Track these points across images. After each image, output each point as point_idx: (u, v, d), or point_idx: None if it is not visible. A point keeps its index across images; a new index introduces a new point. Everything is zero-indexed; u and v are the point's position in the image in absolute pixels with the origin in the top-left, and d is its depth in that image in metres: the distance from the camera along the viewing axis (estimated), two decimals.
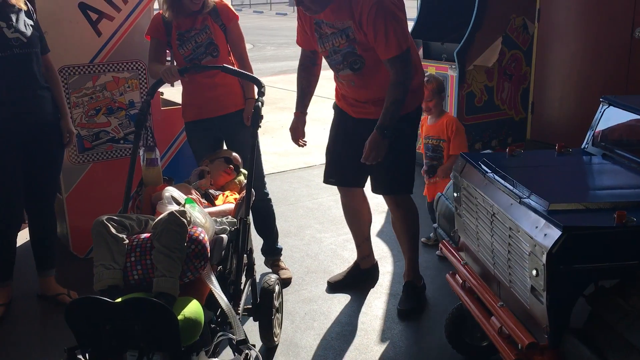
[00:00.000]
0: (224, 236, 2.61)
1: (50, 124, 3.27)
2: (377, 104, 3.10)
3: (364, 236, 3.66)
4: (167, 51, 3.61)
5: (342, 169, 3.43)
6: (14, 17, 3.07)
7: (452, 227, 2.99)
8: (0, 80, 3.04)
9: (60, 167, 3.47)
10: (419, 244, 3.51)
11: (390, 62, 2.95)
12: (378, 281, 3.70)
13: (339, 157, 3.43)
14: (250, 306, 2.96)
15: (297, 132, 3.45)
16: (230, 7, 3.51)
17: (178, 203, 2.68)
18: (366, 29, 2.93)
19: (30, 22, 3.16)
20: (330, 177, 3.52)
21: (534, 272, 2.05)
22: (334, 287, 3.64)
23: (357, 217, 3.61)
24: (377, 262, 3.75)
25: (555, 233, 1.98)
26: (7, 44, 3.02)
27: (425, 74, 3.57)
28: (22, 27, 3.08)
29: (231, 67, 3.21)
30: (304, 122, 3.47)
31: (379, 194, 3.40)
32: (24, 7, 3.14)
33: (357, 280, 3.62)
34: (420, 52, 5.79)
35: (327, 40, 3.09)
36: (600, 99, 2.83)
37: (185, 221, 2.36)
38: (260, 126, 2.93)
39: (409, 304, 3.39)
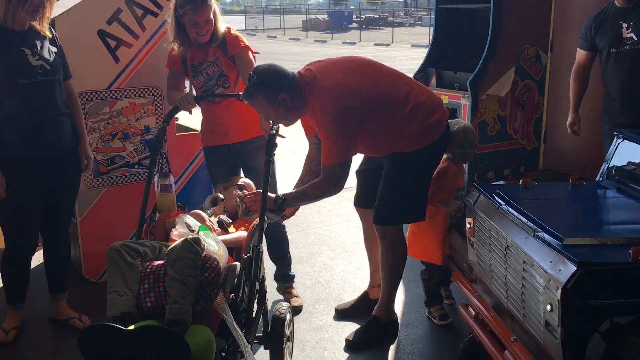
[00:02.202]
0: (237, 264, 2.62)
1: (69, 150, 3.31)
2: (399, 145, 3.15)
3: (377, 265, 3.63)
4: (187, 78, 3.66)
5: (362, 191, 3.49)
6: (38, 45, 3.13)
7: (465, 257, 2.98)
8: (24, 107, 3.08)
9: (77, 192, 3.50)
10: (398, 281, 3.38)
11: (323, 167, 3.03)
12: None
13: (362, 180, 3.51)
14: (262, 334, 2.95)
15: None
16: (240, 36, 3.51)
17: (192, 230, 2.70)
18: (320, 137, 3.06)
19: (54, 49, 3.22)
20: (355, 198, 3.62)
21: (548, 307, 2.04)
22: (341, 314, 3.63)
23: (372, 243, 3.59)
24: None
25: (570, 268, 1.97)
26: (32, 71, 3.07)
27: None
28: (46, 55, 3.14)
29: None
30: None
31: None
32: (49, 34, 3.20)
33: (364, 310, 3.55)
34: (433, 81, 5.83)
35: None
36: (615, 133, 2.84)
37: (199, 249, 2.37)
38: (274, 154, 2.95)
39: (360, 337, 3.30)
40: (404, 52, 23.15)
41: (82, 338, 2.13)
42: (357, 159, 3.44)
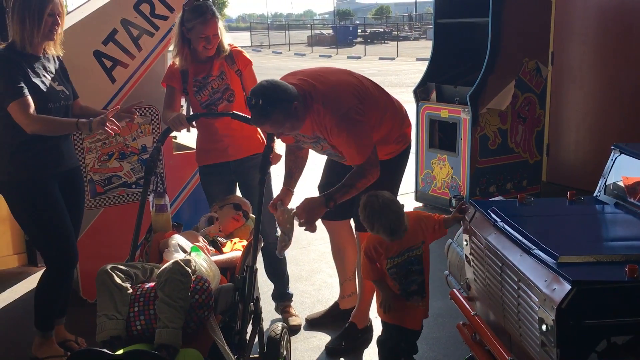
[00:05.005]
0: (230, 285, 2.58)
1: (77, 168, 3.38)
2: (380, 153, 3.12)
3: (346, 275, 3.66)
4: (183, 98, 3.64)
5: None
6: (53, 68, 3.14)
7: (463, 275, 2.94)
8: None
9: (83, 213, 3.48)
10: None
11: (358, 166, 2.98)
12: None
13: (324, 190, 3.45)
14: (257, 356, 2.91)
15: (279, 200, 3.18)
16: (244, 52, 3.55)
17: (184, 251, 2.67)
18: (335, 143, 2.99)
19: (63, 72, 3.24)
20: None
21: (544, 327, 2.00)
22: (312, 323, 3.69)
23: (340, 254, 3.62)
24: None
25: (564, 287, 1.93)
26: (57, 95, 3.10)
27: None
28: (63, 79, 3.18)
29: (240, 113, 3.21)
30: (289, 198, 3.26)
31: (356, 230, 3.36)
32: (61, 53, 3.19)
33: (335, 320, 3.63)
34: (434, 95, 5.82)
35: (307, 143, 3.19)
36: (612, 147, 2.80)
37: (189, 271, 2.34)
38: (268, 172, 2.92)
39: (339, 342, 3.41)
40: (409, 65, 23.18)
41: None
42: (318, 175, 3.53)
